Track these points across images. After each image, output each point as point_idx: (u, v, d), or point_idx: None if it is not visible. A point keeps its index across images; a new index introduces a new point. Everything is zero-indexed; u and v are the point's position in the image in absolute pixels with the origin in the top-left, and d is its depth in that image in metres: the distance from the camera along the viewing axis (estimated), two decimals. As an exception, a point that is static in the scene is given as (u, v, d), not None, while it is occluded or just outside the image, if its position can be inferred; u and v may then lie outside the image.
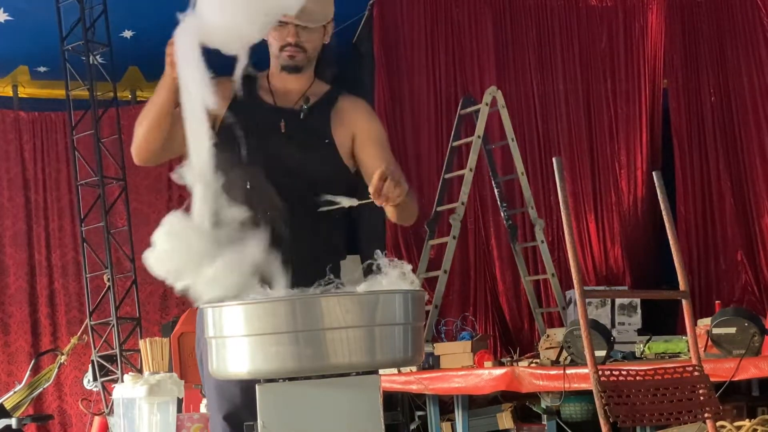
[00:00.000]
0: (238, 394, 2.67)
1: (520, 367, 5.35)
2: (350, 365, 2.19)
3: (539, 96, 8.43)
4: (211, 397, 2.80)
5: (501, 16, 8.44)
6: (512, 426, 6.20)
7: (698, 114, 8.59)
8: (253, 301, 2.21)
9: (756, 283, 8.21)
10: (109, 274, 7.98)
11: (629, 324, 6.98)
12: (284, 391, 2.20)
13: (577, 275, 3.33)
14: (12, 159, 9.22)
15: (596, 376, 3.19)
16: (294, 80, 2.83)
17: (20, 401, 7.73)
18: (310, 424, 2.21)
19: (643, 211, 8.39)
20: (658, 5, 8.56)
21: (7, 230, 9.09)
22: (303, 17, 2.70)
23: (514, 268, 7.85)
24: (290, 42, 2.76)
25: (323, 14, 2.77)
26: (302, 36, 2.76)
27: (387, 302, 2.22)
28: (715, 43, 8.60)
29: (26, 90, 9.43)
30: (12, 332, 9.12)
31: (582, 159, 8.41)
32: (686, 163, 8.50)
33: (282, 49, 2.78)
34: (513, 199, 7.91)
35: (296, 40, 2.76)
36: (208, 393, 2.84)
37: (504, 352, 7.65)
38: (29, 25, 8.18)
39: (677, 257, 3.59)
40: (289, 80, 2.83)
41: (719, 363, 4.47)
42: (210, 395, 2.80)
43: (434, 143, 8.22)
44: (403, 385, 5.92)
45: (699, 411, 3.34)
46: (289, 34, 2.75)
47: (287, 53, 2.78)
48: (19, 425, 6.93)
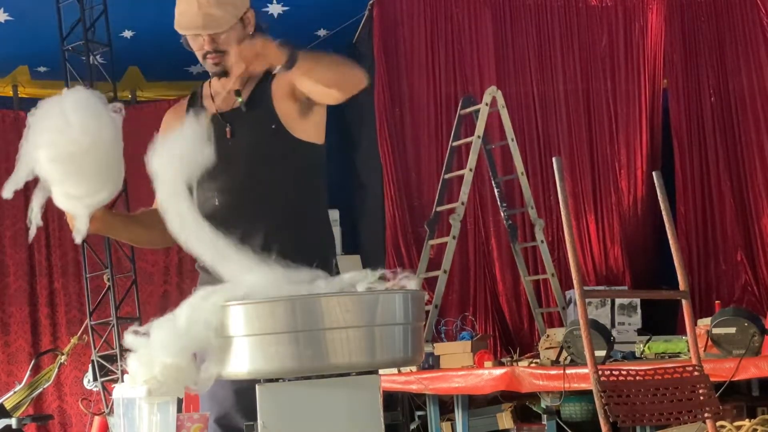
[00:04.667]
0: (229, 397, 2.67)
1: (520, 367, 5.35)
2: (350, 365, 2.19)
3: (539, 96, 8.42)
4: (203, 400, 2.80)
5: (501, 16, 8.44)
6: (512, 426, 6.20)
7: (698, 114, 8.58)
8: (253, 301, 2.21)
9: (756, 283, 8.20)
10: (109, 274, 7.98)
11: (629, 324, 6.98)
12: (284, 391, 2.20)
13: (577, 275, 3.34)
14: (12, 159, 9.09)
15: (596, 376, 3.19)
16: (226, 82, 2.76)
17: (20, 401, 7.72)
18: (310, 424, 2.21)
19: (643, 211, 8.39)
20: (658, 5, 8.56)
21: (7, 230, 9.09)
22: (209, 26, 2.66)
23: (514, 268, 7.85)
24: (208, 50, 2.71)
25: (229, 15, 2.69)
26: (218, 40, 2.70)
27: (387, 302, 2.22)
28: (715, 43, 8.60)
29: (26, 90, 9.42)
30: (12, 332, 9.12)
31: (582, 159, 8.40)
32: (686, 163, 8.49)
33: (204, 58, 2.75)
34: (513, 199, 7.91)
35: (213, 46, 2.70)
36: (201, 396, 2.84)
37: (504, 352, 7.65)
38: (29, 25, 8.18)
39: (677, 257, 3.59)
40: (221, 83, 2.80)
41: (719, 363, 4.47)
42: (202, 398, 2.80)
43: (434, 143, 8.22)
44: (403, 385, 5.92)
45: (699, 411, 3.35)
46: (205, 43, 2.71)
47: (210, 60, 2.73)
48: (19, 425, 6.93)
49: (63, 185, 2.49)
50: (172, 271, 9.38)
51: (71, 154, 2.42)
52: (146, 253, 8.98)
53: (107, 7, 7.81)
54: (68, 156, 2.42)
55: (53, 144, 2.41)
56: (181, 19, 2.70)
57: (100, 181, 2.52)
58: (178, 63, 8.52)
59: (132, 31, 8.35)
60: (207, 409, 2.75)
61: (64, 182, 2.48)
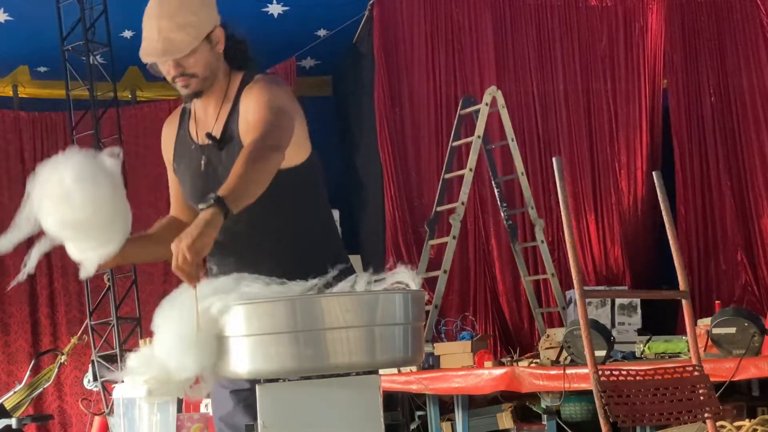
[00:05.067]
0: (229, 397, 2.68)
1: (520, 367, 5.35)
2: (350, 365, 2.19)
3: (539, 96, 8.42)
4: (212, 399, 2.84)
5: (501, 16, 8.44)
6: (512, 426, 6.19)
7: (698, 114, 8.58)
8: (253, 301, 2.21)
9: (756, 283, 8.20)
10: (109, 274, 7.98)
11: (629, 324, 6.98)
12: (284, 391, 2.20)
13: (577, 275, 3.33)
14: (12, 159, 9.22)
15: (596, 376, 3.19)
16: (205, 102, 2.72)
17: (20, 401, 7.73)
18: (310, 424, 2.21)
19: (643, 211, 8.39)
20: (658, 5, 8.56)
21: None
22: (170, 51, 2.58)
23: (514, 268, 7.85)
24: (174, 75, 2.64)
25: (191, 38, 2.59)
26: (184, 64, 2.62)
27: (387, 302, 2.22)
28: (715, 43, 8.60)
29: (26, 90, 9.43)
30: (12, 332, 9.12)
31: (582, 159, 8.40)
32: (686, 163, 8.49)
33: (174, 81, 2.67)
34: (513, 199, 7.91)
35: (179, 70, 2.62)
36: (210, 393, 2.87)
37: (504, 352, 7.64)
38: (29, 25, 8.18)
39: (677, 257, 3.59)
40: (201, 104, 2.74)
41: (719, 363, 4.47)
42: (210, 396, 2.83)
43: (434, 143, 8.22)
44: (403, 385, 5.92)
45: (699, 411, 3.35)
46: (171, 68, 2.63)
47: (179, 83, 2.65)
48: (19, 425, 6.93)
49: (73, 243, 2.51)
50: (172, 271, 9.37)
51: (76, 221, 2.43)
52: (146, 253, 8.97)
53: (107, 7, 7.82)
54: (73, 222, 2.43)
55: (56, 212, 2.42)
56: (145, 46, 2.63)
57: (108, 235, 2.51)
58: (178, 63, 8.51)
59: (132, 31, 8.34)
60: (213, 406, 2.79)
61: (73, 241, 2.50)
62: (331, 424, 2.22)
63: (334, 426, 2.22)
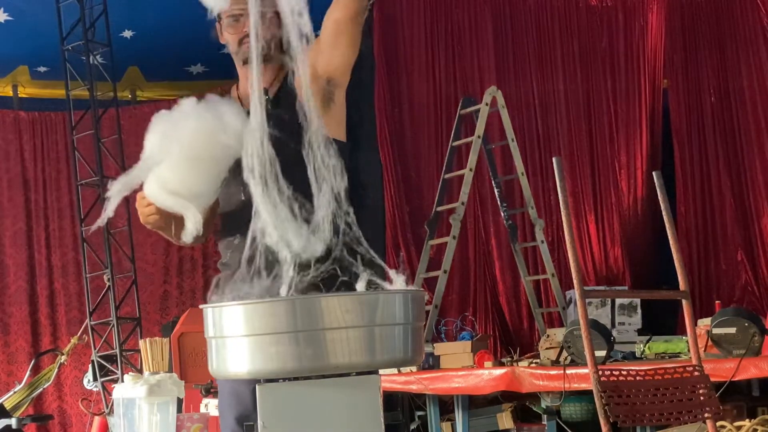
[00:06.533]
0: (249, 395, 2.67)
1: (520, 367, 5.35)
2: (350, 365, 2.19)
3: (539, 96, 8.43)
4: (223, 398, 2.81)
5: (501, 16, 8.44)
6: (512, 426, 6.19)
7: (698, 114, 8.59)
8: (253, 301, 2.21)
9: (756, 283, 8.20)
10: (109, 274, 7.99)
11: (629, 324, 6.98)
12: (284, 391, 2.20)
13: (577, 275, 3.33)
14: (12, 159, 9.22)
15: (596, 376, 3.19)
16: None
17: (20, 401, 7.73)
18: (310, 424, 2.21)
19: (643, 211, 8.39)
20: (658, 5, 8.56)
21: (7, 230, 9.09)
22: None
23: (514, 268, 7.85)
24: (247, 33, 2.64)
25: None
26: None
27: (387, 302, 2.22)
28: (715, 43, 8.60)
29: (26, 90, 9.43)
30: (12, 332, 9.12)
31: (582, 159, 8.41)
32: (686, 163, 8.50)
33: (241, 44, 2.74)
34: (513, 199, 7.91)
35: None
36: (221, 393, 2.85)
37: (504, 352, 7.65)
38: (29, 25, 8.19)
39: (677, 257, 3.59)
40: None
41: (719, 363, 4.47)
42: (223, 395, 2.82)
43: (434, 143, 8.22)
44: (403, 385, 5.92)
45: (699, 411, 3.35)
46: (245, 26, 2.68)
47: (247, 45, 2.66)
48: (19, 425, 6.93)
49: (184, 182, 2.51)
50: (172, 271, 9.39)
51: (212, 157, 2.45)
52: (146, 253, 8.99)
53: (107, 7, 7.81)
54: (209, 158, 2.46)
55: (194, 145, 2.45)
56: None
57: (216, 185, 2.56)
58: (178, 63, 8.52)
59: (132, 31, 8.35)
60: (228, 406, 2.78)
61: (186, 180, 2.50)
62: (331, 425, 2.22)
63: (334, 426, 2.22)
